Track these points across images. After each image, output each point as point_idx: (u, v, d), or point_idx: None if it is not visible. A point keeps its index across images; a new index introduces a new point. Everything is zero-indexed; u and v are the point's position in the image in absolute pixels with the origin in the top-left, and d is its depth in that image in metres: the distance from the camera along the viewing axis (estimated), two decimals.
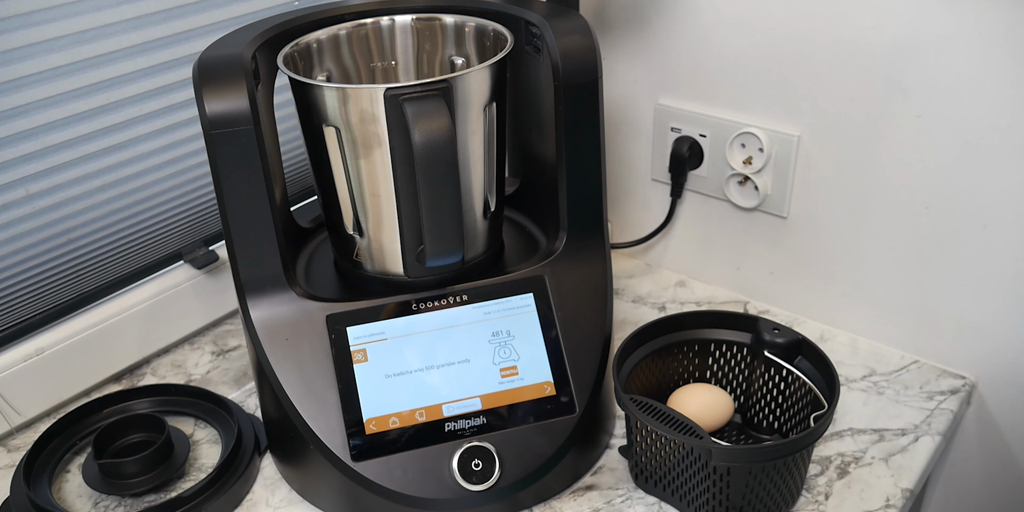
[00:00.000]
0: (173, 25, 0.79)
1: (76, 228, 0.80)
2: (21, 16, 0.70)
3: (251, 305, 0.69)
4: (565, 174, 0.73)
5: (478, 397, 0.70)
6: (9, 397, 0.80)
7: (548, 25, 0.69)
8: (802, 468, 0.69)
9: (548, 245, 0.77)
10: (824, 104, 0.81)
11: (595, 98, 0.71)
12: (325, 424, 0.67)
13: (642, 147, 0.97)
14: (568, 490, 0.73)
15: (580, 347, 0.72)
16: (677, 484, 0.69)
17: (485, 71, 0.66)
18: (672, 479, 0.69)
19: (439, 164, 0.61)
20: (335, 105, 0.64)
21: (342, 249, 0.75)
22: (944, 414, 0.80)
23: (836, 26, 0.76)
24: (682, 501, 0.70)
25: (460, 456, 0.67)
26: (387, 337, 0.70)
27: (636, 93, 0.94)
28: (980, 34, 0.69)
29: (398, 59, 0.77)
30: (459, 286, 0.72)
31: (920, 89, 0.74)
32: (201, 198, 0.89)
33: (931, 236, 0.80)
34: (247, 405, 0.84)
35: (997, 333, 0.81)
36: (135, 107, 0.80)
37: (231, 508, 0.72)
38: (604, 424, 0.76)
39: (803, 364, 0.72)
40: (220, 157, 0.64)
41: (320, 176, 0.72)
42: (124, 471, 0.72)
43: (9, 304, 0.79)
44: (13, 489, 0.72)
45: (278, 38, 0.71)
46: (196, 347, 0.93)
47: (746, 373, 0.77)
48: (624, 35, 0.92)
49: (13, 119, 0.72)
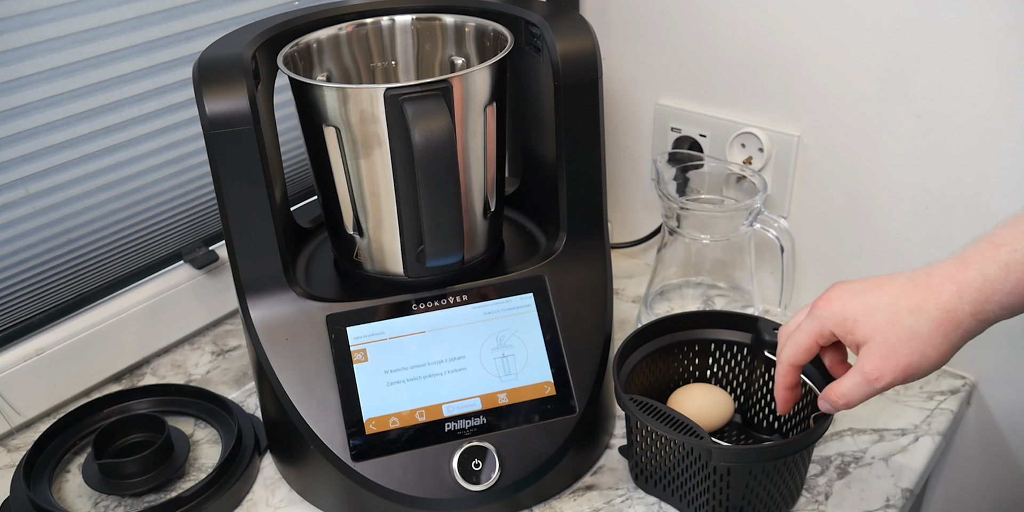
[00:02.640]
0: (173, 25, 0.79)
1: (76, 228, 0.80)
2: (21, 16, 0.69)
3: (251, 305, 0.69)
4: (565, 174, 0.73)
5: (478, 397, 0.70)
6: (9, 397, 0.80)
7: (548, 25, 0.69)
8: (802, 468, 0.69)
9: (548, 245, 0.77)
10: (824, 104, 0.81)
11: (595, 98, 0.71)
12: (325, 424, 0.67)
13: (642, 147, 0.97)
14: (568, 490, 0.73)
15: (580, 347, 0.72)
16: (677, 484, 0.69)
17: (485, 71, 0.66)
18: (672, 479, 0.69)
19: (439, 164, 0.61)
20: (335, 105, 0.64)
21: (342, 249, 0.75)
22: (944, 414, 0.80)
23: (836, 26, 0.76)
24: (682, 501, 0.70)
25: (460, 456, 0.67)
26: (387, 337, 0.70)
27: (636, 93, 0.94)
28: (981, 34, 0.69)
29: (398, 59, 0.77)
30: (459, 286, 0.72)
31: (921, 89, 0.74)
32: (201, 198, 0.89)
33: (931, 236, 0.80)
34: (247, 405, 0.84)
35: (997, 333, 0.80)
36: (135, 107, 0.80)
37: (231, 508, 0.72)
38: (604, 424, 0.76)
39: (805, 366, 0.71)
40: (220, 157, 0.64)
41: (320, 176, 0.72)
42: (124, 471, 0.72)
43: (9, 304, 0.79)
44: (13, 489, 0.72)
45: (278, 38, 0.71)
46: (196, 347, 0.93)
47: (746, 373, 0.77)
48: (624, 35, 0.92)
49: (13, 119, 0.72)
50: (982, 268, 0.53)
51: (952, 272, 0.55)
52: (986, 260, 0.53)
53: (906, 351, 0.55)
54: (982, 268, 0.53)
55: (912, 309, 0.55)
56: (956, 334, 0.55)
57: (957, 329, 0.54)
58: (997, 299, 0.53)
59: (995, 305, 0.53)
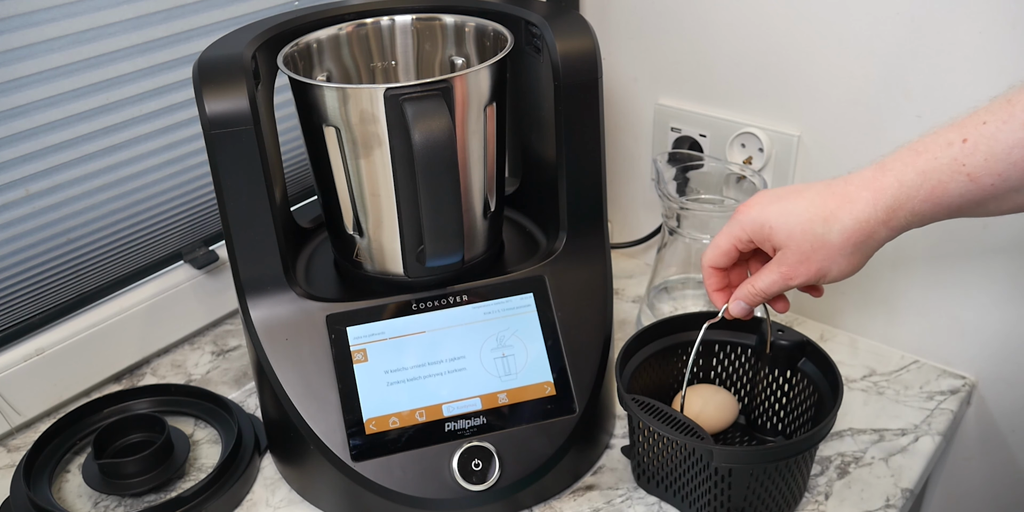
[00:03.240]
0: (173, 25, 0.79)
1: (76, 228, 0.80)
2: (21, 16, 0.69)
3: (251, 305, 0.69)
4: (565, 174, 0.73)
5: (478, 397, 0.70)
6: (9, 397, 0.80)
7: (548, 25, 0.69)
8: (804, 470, 0.69)
9: (548, 245, 0.77)
10: (824, 104, 0.81)
11: (595, 98, 0.71)
12: (325, 424, 0.67)
13: (642, 147, 0.97)
14: (568, 490, 0.73)
15: (580, 347, 0.72)
16: (679, 485, 0.69)
17: (485, 71, 0.66)
18: (674, 480, 0.69)
19: (439, 164, 0.61)
20: (335, 105, 0.64)
21: (342, 249, 0.75)
22: (944, 414, 0.80)
23: (836, 26, 0.76)
24: (684, 502, 0.70)
25: (460, 456, 0.67)
26: (387, 337, 0.70)
27: (636, 93, 0.94)
28: (981, 34, 0.69)
29: (398, 59, 0.77)
30: (459, 286, 0.72)
31: (921, 89, 0.74)
32: (201, 198, 0.89)
33: (931, 236, 0.80)
34: (247, 405, 0.84)
35: (997, 333, 0.81)
36: (135, 107, 0.80)
37: (231, 508, 0.72)
38: (604, 424, 0.76)
39: (807, 366, 0.72)
40: (220, 157, 0.64)
41: (320, 176, 0.72)
42: (124, 471, 0.72)
43: (9, 304, 0.79)
44: (13, 489, 0.72)
45: (278, 38, 0.71)
46: (196, 347, 0.93)
47: (750, 374, 0.77)
48: (624, 35, 0.92)
49: (13, 119, 0.72)
50: (900, 175, 0.53)
51: (870, 178, 0.55)
52: (905, 167, 0.53)
53: (818, 258, 0.56)
54: (900, 175, 0.53)
55: (826, 218, 0.55)
56: (868, 245, 0.56)
57: (868, 239, 0.55)
58: (910, 206, 0.53)
59: (907, 212, 0.54)
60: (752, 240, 0.60)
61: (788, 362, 0.73)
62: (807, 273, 0.57)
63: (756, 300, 0.62)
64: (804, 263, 0.57)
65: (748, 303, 0.63)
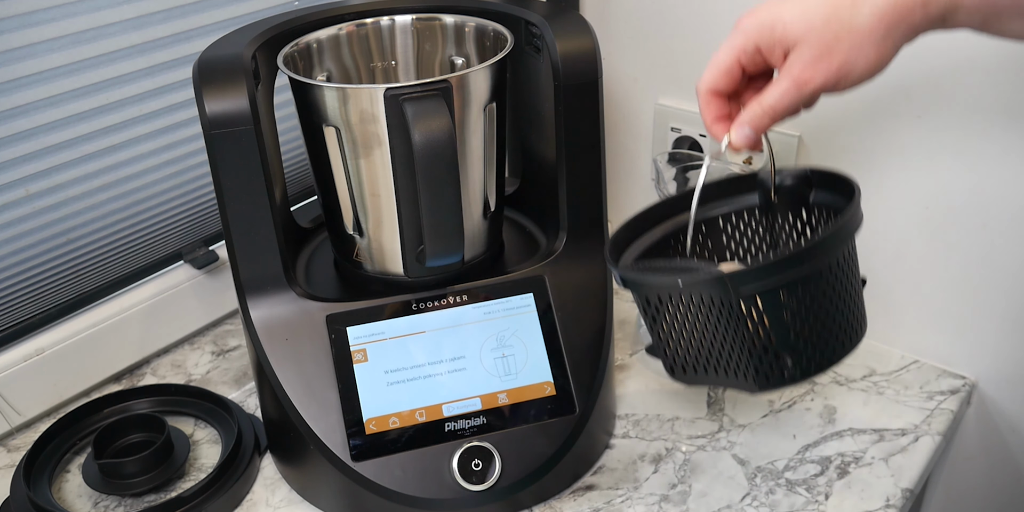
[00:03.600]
0: (173, 25, 0.79)
1: (76, 228, 0.80)
2: (21, 16, 0.69)
3: (251, 305, 0.69)
4: (565, 174, 0.73)
5: (478, 397, 0.70)
6: (9, 397, 0.80)
7: (548, 25, 0.69)
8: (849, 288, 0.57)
9: (548, 245, 0.77)
10: (824, 104, 0.81)
11: (595, 98, 0.71)
12: (325, 424, 0.67)
13: (642, 147, 0.97)
14: (568, 490, 0.73)
15: (580, 347, 0.72)
16: (717, 354, 0.58)
17: (485, 71, 0.66)
18: (709, 351, 0.58)
19: (439, 164, 0.61)
20: (335, 105, 0.64)
21: (342, 249, 0.75)
22: (944, 414, 0.80)
23: None
24: (729, 374, 0.59)
25: (460, 456, 0.67)
26: (387, 337, 0.70)
27: (636, 93, 0.94)
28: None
29: (398, 59, 0.77)
30: (459, 286, 0.72)
31: (921, 89, 0.74)
32: (201, 198, 0.89)
33: (930, 236, 0.80)
34: (247, 405, 0.84)
35: (997, 333, 0.81)
36: (135, 107, 0.80)
37: (231, 508, 0.72)
38: (604, 424, 0.76)
39: (820, 196, 0.63)
40: (220, 157, 0.64)
41: (320, 176, 0.72)
42: (124, 471, 0.72)
43: (9, 304, 0.79)
44: (13, 489, 0.72)
45: (278, 38, 0.71)
46: (196, 347, 0.93)
47: (767, 235, 0.67)
48: (624, 35, 0.92)
49: (13, 119, 0.72)
50: None
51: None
52: None
53: (843, 49, 0.49)
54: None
55: (854, 1, 0.48)
56: (900, 29, 0.48)
57: (902, 22, 0.48)
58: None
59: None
60: (759, 48, 0.52)
61: (800, 201, 0.64)
62: (827, 72, 0.49)
63: (764, 122, 0.53)
64: (824, 59, 0.49)
65: (754, 128, 0.53)
